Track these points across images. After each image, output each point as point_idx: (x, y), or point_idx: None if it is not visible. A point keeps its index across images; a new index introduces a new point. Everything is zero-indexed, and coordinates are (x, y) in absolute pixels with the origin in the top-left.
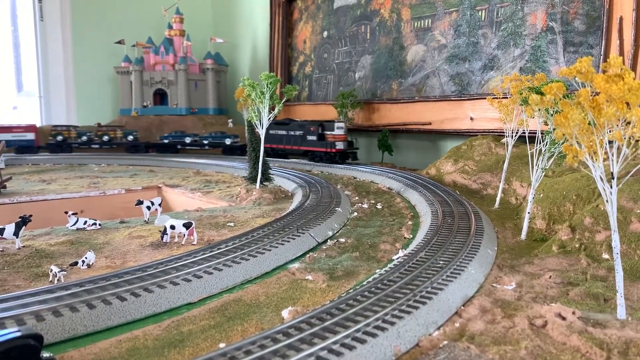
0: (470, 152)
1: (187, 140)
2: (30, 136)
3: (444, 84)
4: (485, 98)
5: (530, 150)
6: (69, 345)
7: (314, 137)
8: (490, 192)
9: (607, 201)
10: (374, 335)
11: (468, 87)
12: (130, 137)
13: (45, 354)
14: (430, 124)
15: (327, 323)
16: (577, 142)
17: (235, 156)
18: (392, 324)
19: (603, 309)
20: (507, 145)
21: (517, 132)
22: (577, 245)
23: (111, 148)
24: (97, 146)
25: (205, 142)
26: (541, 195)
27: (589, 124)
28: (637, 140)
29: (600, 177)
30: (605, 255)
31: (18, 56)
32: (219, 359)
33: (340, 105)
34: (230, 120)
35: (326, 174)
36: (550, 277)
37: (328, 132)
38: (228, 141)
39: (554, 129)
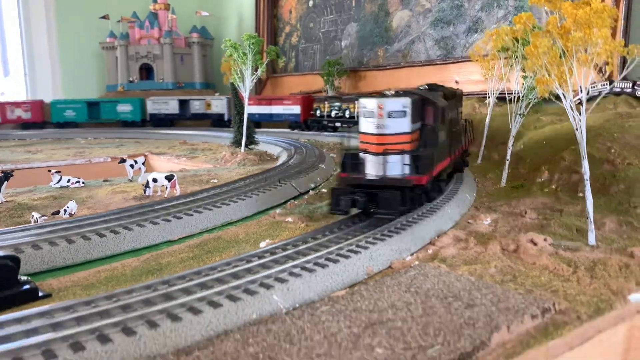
0: None
1: None
2: (296, 110)
3: (429, 49)
4: (470, 61)
5: (508, 97)
6: (47, 275)
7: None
8: (474, 149)
9: (576, 129)
10: (346, 257)
11: (453, 50)
12: None
13: (23, 277)
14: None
15: (300, 247)
16: (547, 72)
17: None
18: (365, 248)
19: (575, 238)
20: (489, 104)
21: (497, 91)
22: (554, 187)
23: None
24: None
25: None
26: (522, 146)
27: (560, 57)
28: (606, 65)
29: (570, 106)
30: (581, 194)
31: (2, 34)
32: (192, 276)
33: (327, 74)
34: (217, 94)
35: (313, 141)
36: (526, 212)
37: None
38: None
39: (526, 59)
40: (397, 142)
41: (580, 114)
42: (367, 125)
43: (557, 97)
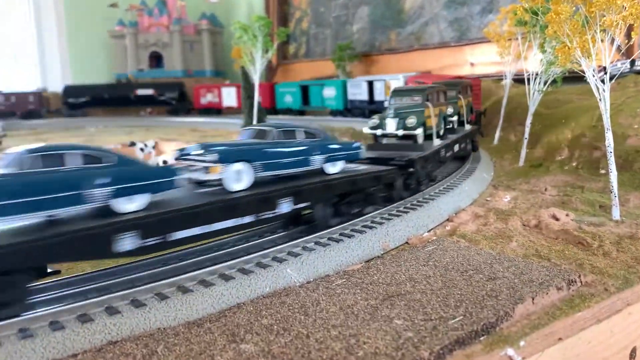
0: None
1: None
2: None
3: (443, 31)
4: (485, 42)
5: (526, 75)
6: None
7: None
8: (490, 131)
9: (600, 100)
10: (361, 232)
11: (467, 32)
12: None
13: None
14: (429, 72)
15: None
16: (568, 40)
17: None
18: (381, 224)
19: (598, 213)
20: (505, 86)
21: (513, 72)
22: (574, 164)
23: None
24: None
25: None
26: (540, 125)
27: (582, 25)
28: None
29: (593, 76)
30: (602, 171)
31: (12, 25)
32: (203, 252)
33: (338, 59)
34: (227, 82)
35: (324, 125)
36: (546, 189)
37: None
38: None
39: (543, 30)
40: None
41: (604, 82)
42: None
43: (577, 76)
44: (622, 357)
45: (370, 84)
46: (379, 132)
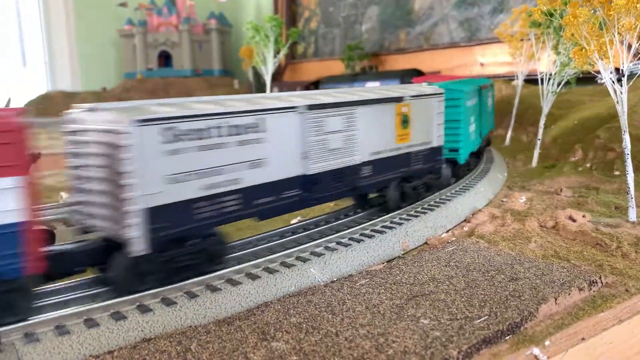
0: None
1: None
2: None
3: (453, 31)
4: (495, 42)
5: (540, 76)
6: None
7: None
8: (501, 132)
9: (617, 102)
10: (382, 232)
11: (477, 32)
12: None
13: None
14: (439, 72)
15: (332, 224)
16: (585, 43)
17: None
18: (400, 224)
19: (614, 215)
20: (517, 86)
21: (525, 72)
22: (588, 165)
23: None
24: None
25: None
26: (552, 126)
27: (600, 28)
28: None
29: (611, 79)
30: (617, 172)
31: (20, 24)
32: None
33: (347, 58)
34: (235, 81)
35: None
36: (561, 190)
37: None
38: None
39: (558, 33)
40: None
41: (621, 85)
42: None
43: (588, 77)
44: None
45: None
46: None
